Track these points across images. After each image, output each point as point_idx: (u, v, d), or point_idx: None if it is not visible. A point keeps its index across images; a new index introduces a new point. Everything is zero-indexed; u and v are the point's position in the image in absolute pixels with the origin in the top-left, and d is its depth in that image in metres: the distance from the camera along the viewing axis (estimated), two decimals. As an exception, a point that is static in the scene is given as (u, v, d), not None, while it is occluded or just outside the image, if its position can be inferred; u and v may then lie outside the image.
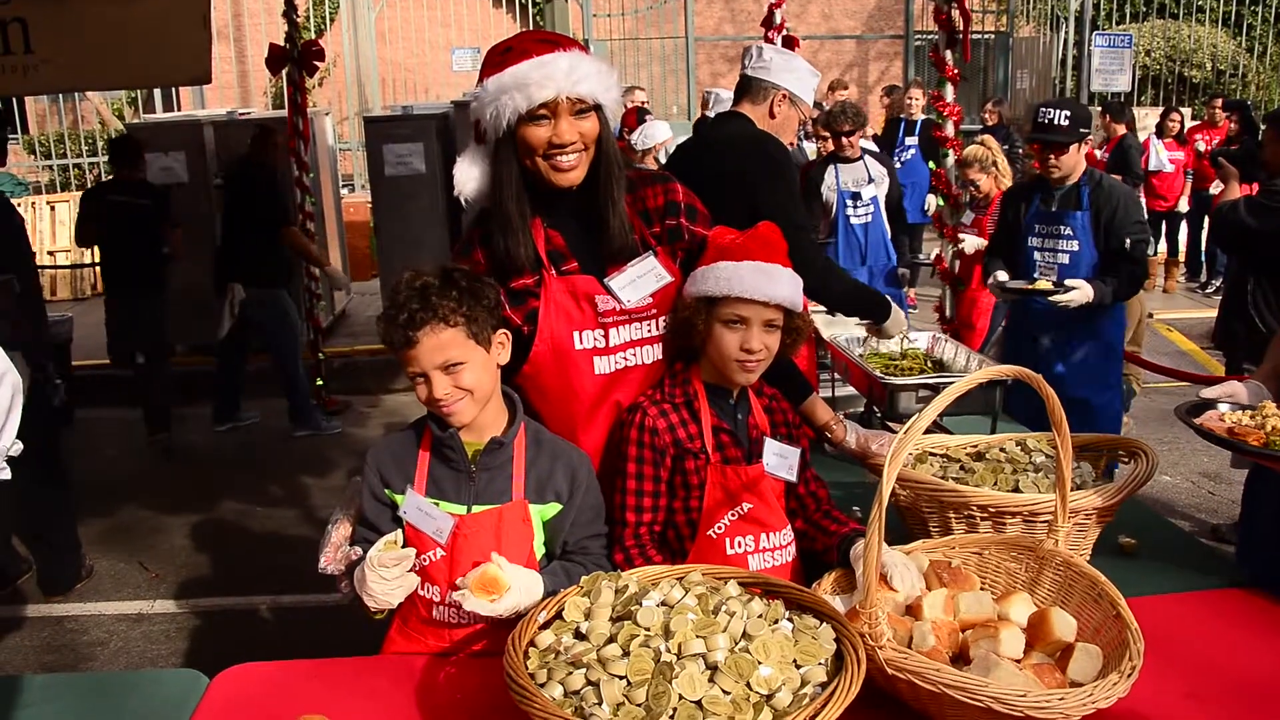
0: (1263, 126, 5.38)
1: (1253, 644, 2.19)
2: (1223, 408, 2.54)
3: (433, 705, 2.05)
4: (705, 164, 3.56)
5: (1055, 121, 4.56)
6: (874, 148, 7.92)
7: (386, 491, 2.27)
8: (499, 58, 2.21)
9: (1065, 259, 4.67)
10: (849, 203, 6.93)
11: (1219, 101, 11.99)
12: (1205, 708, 1.96)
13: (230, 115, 9.67)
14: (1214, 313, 10.07)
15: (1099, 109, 11.40)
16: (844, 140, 6.85)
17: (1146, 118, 12.46)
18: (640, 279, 2.38)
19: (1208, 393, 2.53)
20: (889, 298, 3.52)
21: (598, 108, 2.25)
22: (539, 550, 2.26)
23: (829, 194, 6.97)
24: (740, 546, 2.33)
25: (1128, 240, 4.53)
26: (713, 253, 2.33)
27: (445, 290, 2.14)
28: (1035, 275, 4.74)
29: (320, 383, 8.03)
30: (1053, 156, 4.61)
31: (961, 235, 6.66)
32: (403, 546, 2.19)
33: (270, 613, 4.93)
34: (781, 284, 2.27)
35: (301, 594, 4.96)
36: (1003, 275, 4.80)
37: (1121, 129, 10.71)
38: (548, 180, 2.27)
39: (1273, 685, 2.03)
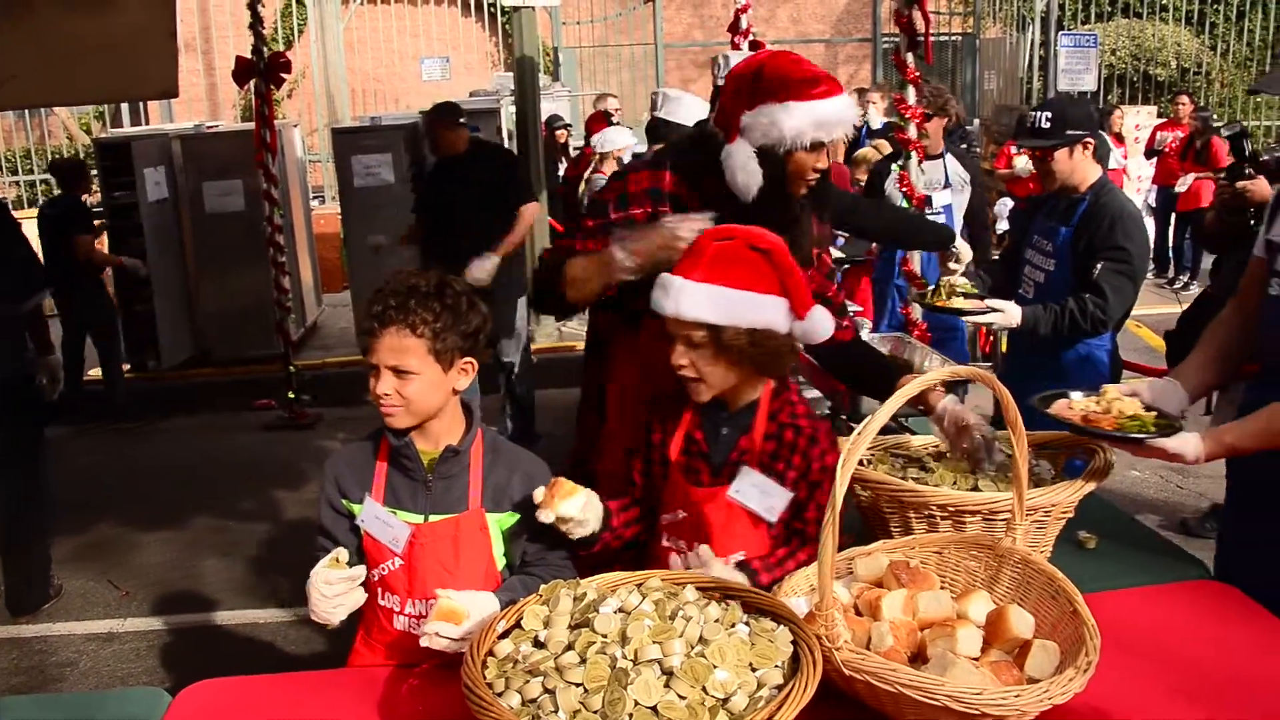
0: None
1: (1212, 636, 2.21)
2: (1073, 396, 2.56)
3: (395, 717, 2.05)
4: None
5: (1036, 124, 3.98)
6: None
7: (344, 502, 2.27)
8: (810, 88, 2.45)
9: (1041, 278, 4.03)
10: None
11: (1183, 98, 12.12)
12: (1164, 701, 1.97)
13: (198, 128, 9.64)
14: (1183, 309, 10.21)
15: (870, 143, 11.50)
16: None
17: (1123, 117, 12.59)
18: None
19: (1111, 389, 2.54)
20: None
21: None
22: (500, 560, 2.26)
23: (893, 194, 5.68)
24: (672, 547, 2.37)
25: (1098, 265, 3.75)
26: None
27: (429, 300, 2.15)
28: (1020, 291, 4.12)
29: (292, 396, 7.99)
30: (1039, 161, 4.02)
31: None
32: (355, 560, 2.20)
33: (243, 628, 4.90)
34: (673, 298, 2.20)
35: (276, 608, 4.94)
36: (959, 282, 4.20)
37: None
38: (787, 189, 2.56)
39: (1232, 677, 2.05)
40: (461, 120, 6.48)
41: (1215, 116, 13.68)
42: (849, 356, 2.84)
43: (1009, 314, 3.75)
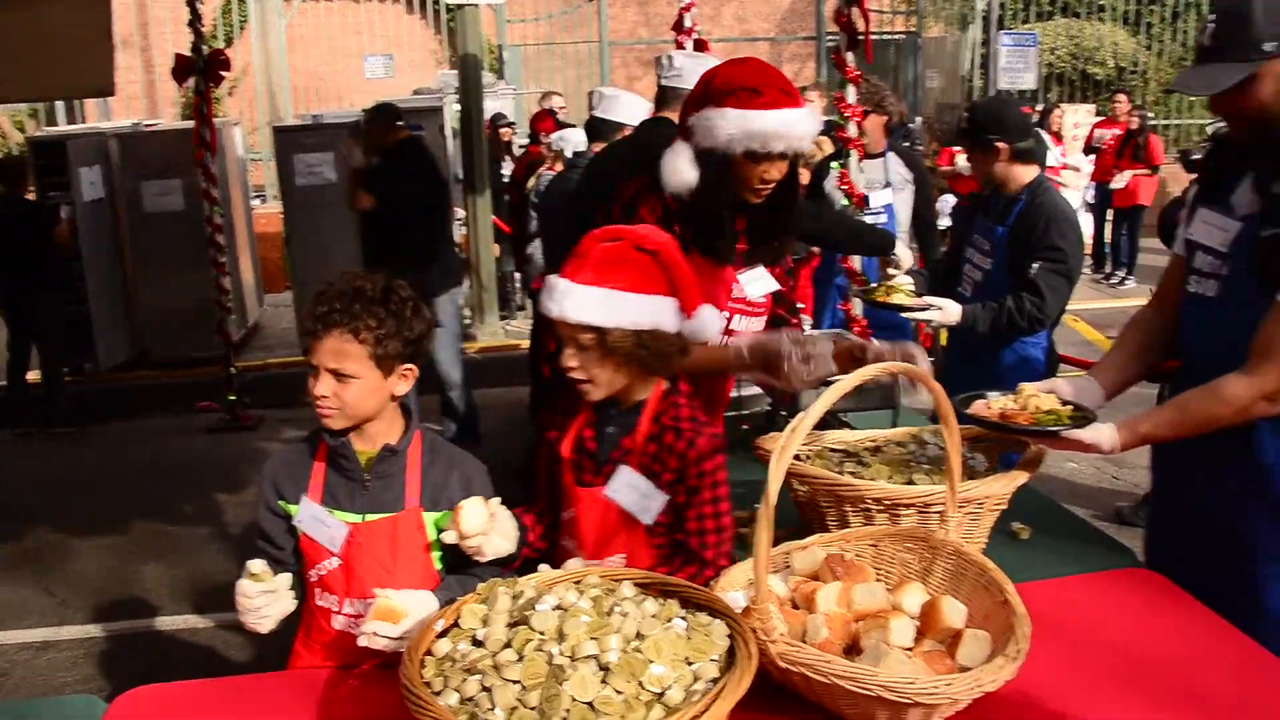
0: None
1: (1140, 623, 2.26)
2: (991, 395, 2.60)
3: (335, 719, 2.04)
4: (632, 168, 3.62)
5: (960, 125, 4.07)
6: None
7: (281, 503, 2.26)
8: (749, 97, 2.46)
9: (979, 277, 4.06)
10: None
11: (1121, 96, 12.34)
12: (1093, 686, 2.01)
13: (136, 127, 9.51)
14: (1120, 303, 10.40)
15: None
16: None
17: (1062, 115, 12.78)
18: (758, 280, 2.77)
19: (1027, 386, 2.58)
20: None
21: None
22: (438, 560, 2.26)
23: (833, 194, 5.51)
24: (569, 547, 2.40)
25: (1034, 265, 3.77)
26: None
27: (374, 305, 2.14)
28: (959, 289, 4.14)
29: (233, 398, 7.91)
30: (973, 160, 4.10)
31: None
32: (292, 563, 2.20)
33: (183, 633, 4.84)
34: (560, 301, 2.19)
35: (216, 612, 4.89)
36: (904, 280, 4.20)
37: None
38: (739, 196, 2.60)
39: (1158, 662, 2.09)
40: (400, 123, 6.55)
41: (1152, 114, 13.92)
42: None
43: (948, 311, 3.79)
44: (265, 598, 2.13)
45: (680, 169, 2.53)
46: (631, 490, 2.29)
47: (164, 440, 7.71)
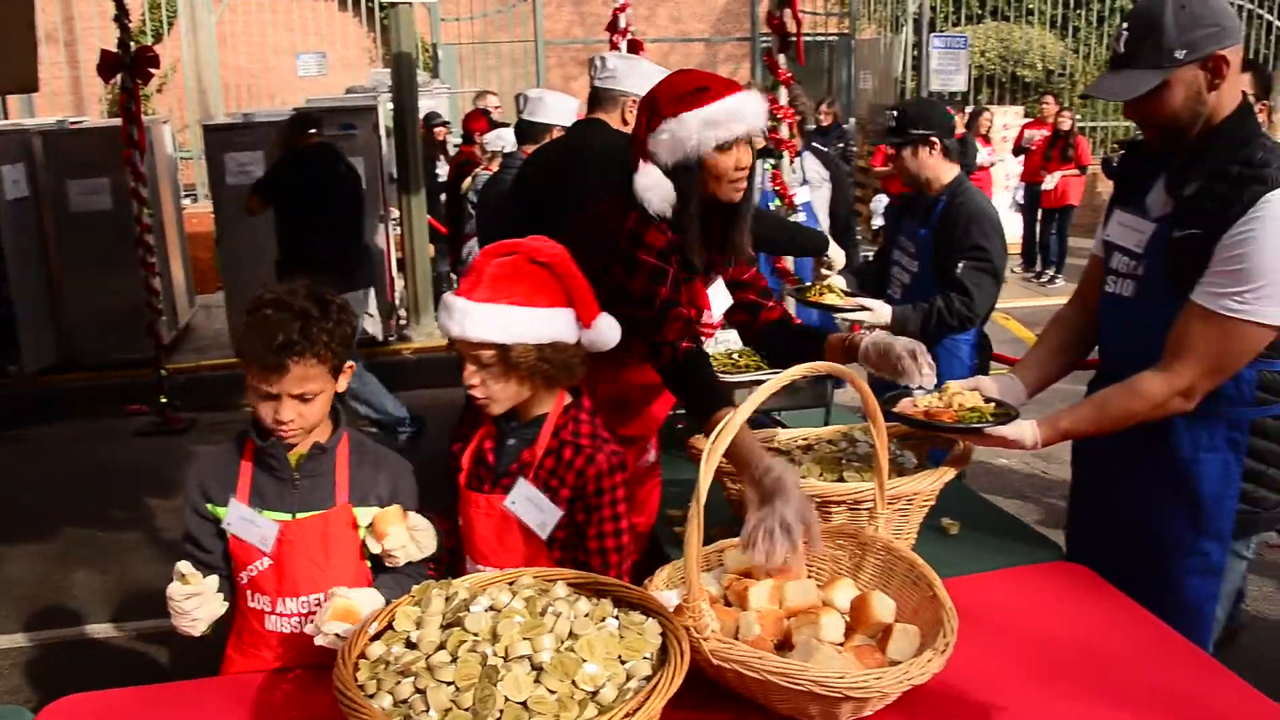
0: None
1: (1064, 615, 2.32)
2: (917, 393, 2.63)
3: (269, 724, 2.04)
4: (582, 172, 3.61)
5: (888, 122, 4.05)
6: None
7: (209, 506, 2.25)
8: (699, 96, 2.47)
9: (907, 279, 4.10)
10: (769, 208, 5.68)
11: (1049, 98, 12.57)
12: (1020, 677, 2.06)
13: (61, 124, 9.31)
14: (1050, 301, 10.59)
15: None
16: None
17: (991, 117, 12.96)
18: (719, 295, 2.80)
19: (951, 384, 2.62)
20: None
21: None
22: (369, 557, 2.27)
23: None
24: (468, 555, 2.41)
25: (960, 264, 3.81)
26: None
27: (323, 321, 2.14)
28: (889, 292, 4.19)
29: (164, 400, 7.79)
30: (893, 159, 4.09)
31: None
32: (222, 567, 2.20)
33: (114, 641, 4.76)
34: (457, 320, 2.19)
35: (149, 619, 4.81)
36: (839, 281, 4.19)
37: (960, 128, 11.15)
38: (720, 198, 2.58)
39: (1084, 652, 2.15)
40: (313, 130, 6.70)
41: (1080, 116, 14.19)
42: (783, 333, 2.87)
43: (879, 312, 3.78)
44: (194, 600, 2.11)
45: (655, 187, 2.52)
46: (528, 503, 2.28)
47: (93, 444, 7.56)
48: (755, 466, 2.20)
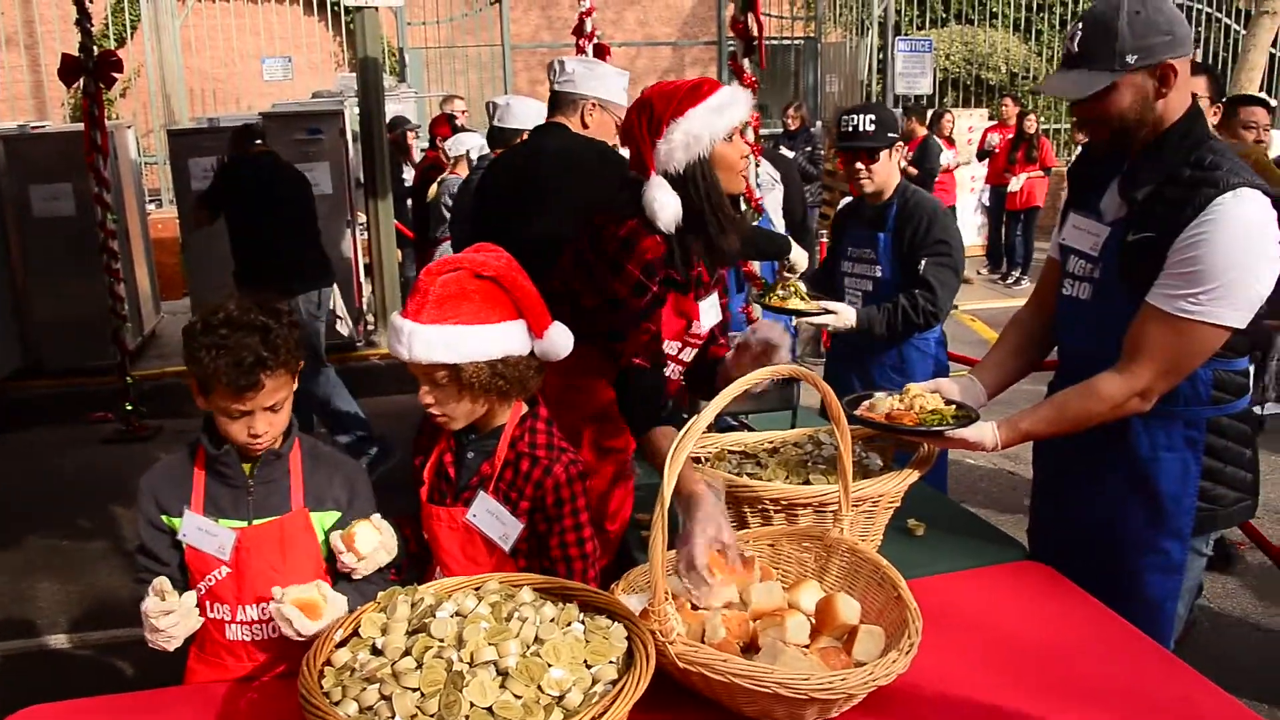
0: None
1: (1028, 613, 2.34)
2: (877, 395, 2.66)
3: (234, 733, 2.03)
4: (538, 175, 3.63)
5: (860, 127, 3.94)
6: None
7: (164, 518, 2.24)
8: (695, 95, 2.52)
9: (870, 285, 4.05)
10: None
11: (1008, 100, 12.68)
12: (985, 676, 2.08)
13: (23, 129, 9.20)
14: (1016, 302, 10.67)
15: (901, 111, 11.90)
16: None
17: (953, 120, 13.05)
18: (710, 310, 2.80)
19: (912, 387, 2.65)
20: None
21: None
22: (326, 560, 2.27)
23: None
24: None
25: (923, 262, 3.85)
26: None
27: (280, 330, 2.14)
28: (848, 302, 4.06)
29: (129, 407, 7.72)
30: (862, 167, 3.96)
31: None
32: (179, 580, 2.20)
33: (79, 651, 4.71)
34: (406, 342, 2.18)
35: (114, 629, 4.77)
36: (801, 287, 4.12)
37: (923, 130, 11.22)
38: (730, 189, 2.64)
39: (1048, 651, 2.17)
40: (258, 142, 6.75)
41: (1044, 119, 14.32)
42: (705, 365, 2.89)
43: (843, 315, 3.81)
44: (172, 618, 2.09)
45: (667, 203, 2.51)
46: (489, 516, 2.28)
47: (58, 452, 7.48)
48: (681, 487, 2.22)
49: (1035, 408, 2.52)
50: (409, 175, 9.91)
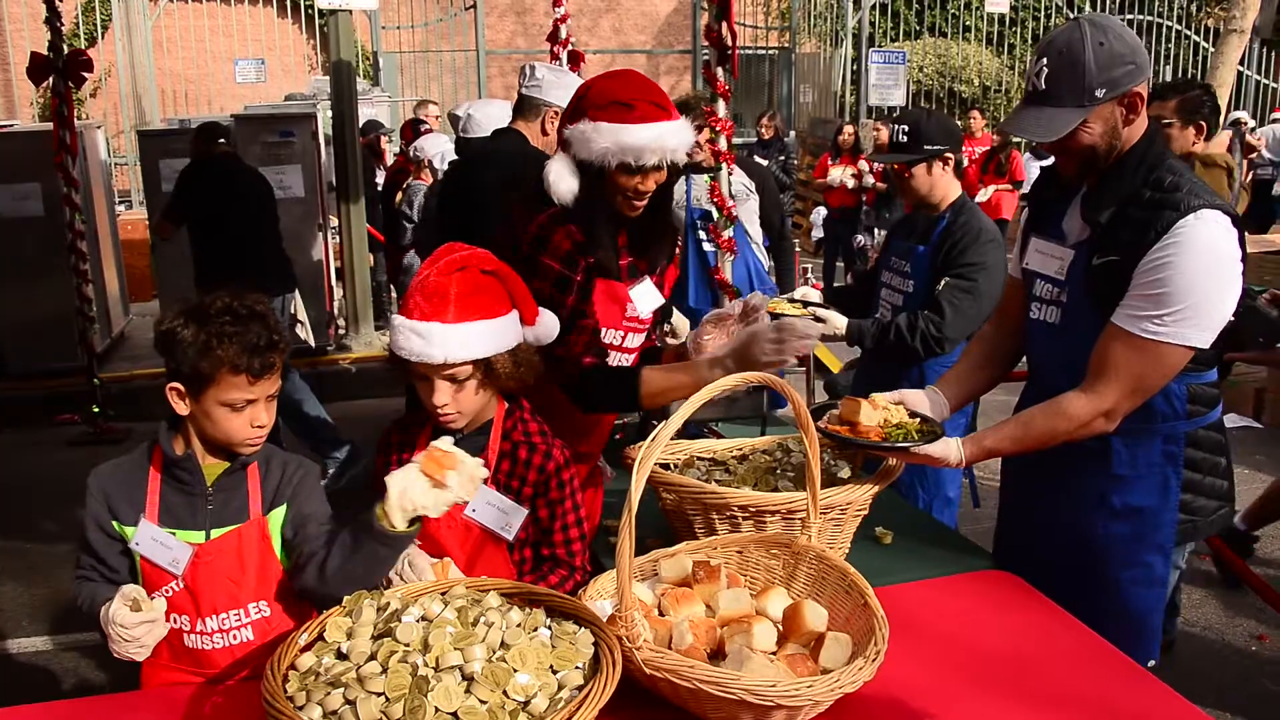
0: None
1: (998, 622, 2.35)
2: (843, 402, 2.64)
3: (197, 736, 2.01)
4: (487, 182, 3.65)
5: (895, 138, 3.73)
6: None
7: (115, 524, 2.19)
8: (622, 111, 2.47)
9: (900, 300, 3.79)
10: (699, 223, 5.43)
11: (975, 113, 12.79)
12: (951, 684, 2.09)
13: (-11, 128, 9.13)
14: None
15: (872, 121, 11.98)
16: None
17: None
18: (647, 294, 2.76)
19: (877, 397, 2.64)
20: None
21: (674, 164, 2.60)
22: (281, 558, 2.23)
23: (678, 211, 5.38)
24: None
25: (944, 281, 3.56)
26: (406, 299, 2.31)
27: (269, 319, 2.13)
28: (878, 315, 3.88)
29: (96, 410, 7.65)
30: (898, 177, 3.78)
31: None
32: (129, 579, 2.18)
33: (41, 655, 4.66)
34: (438, 344, 2.19)
35: (78, 632, 4.72)
36: (804, 290, 3.98)
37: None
38: (617, 209, 2.61)
39: (1015, 659, 2.18)
40: (222, 140, 6.76)
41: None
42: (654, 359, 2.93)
43: (833, 322, 3.63)
44: (145, 628, 2.05)
45: (563, 177, 2.54)
46: (490, 508, 2.30)
47: (22, 455, 7.39)
48: (708, 370, 2.46)
49: (1000, 425, 2.53)
50: (382, 179, 9.89)
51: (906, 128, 3.69)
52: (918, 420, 2.58)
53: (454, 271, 2.23)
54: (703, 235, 5.44)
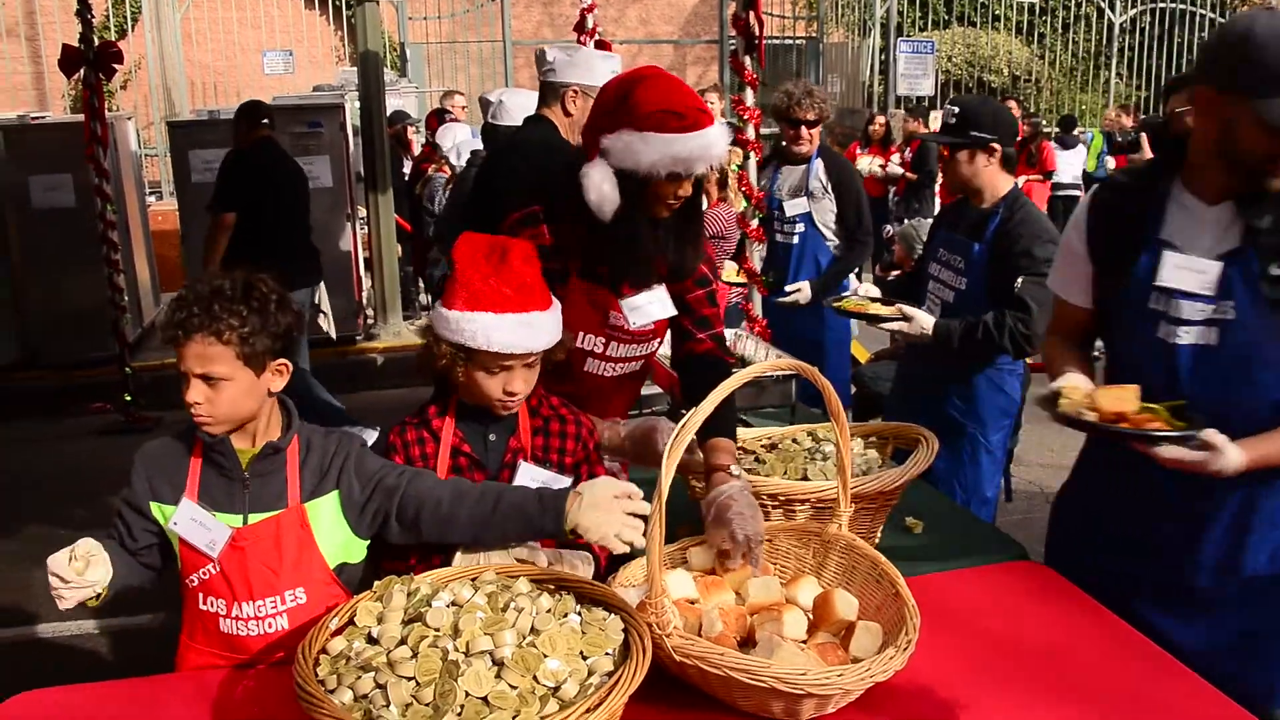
0: None
1: (1030, 612, 2.33)
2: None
3: (230, 720, 2.02)
4: (500, 168, 3.66)
5: (946, 119, 3.60)
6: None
7: (154, 504, 2.21)
8: (672, 121, 2.37)
9: (951, 297, 3.62)
10: (776, 214, 5.38)
11: (1010, 103, 12.67)
12: (982, 675, 2.08)
13: (23, 119, 9.19)
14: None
15: (903, 112, 11.91)
16: (796, 132, 5.27)
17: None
18: (648, 305, 2.65)
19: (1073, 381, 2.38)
20: None
21: None
22: (326, 549, 2.22)
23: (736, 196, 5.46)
24: None
25: (1020, 280, 3.39)
26: (463, 291, 2.24)
27: (235, 303, 2.09)
28: (924, 310, 3.66)
29: (129, 398, 7.71)
30: (946, 161, 3.67)
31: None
32: (147, 559, 2.25)
33: (75, 639, 4.70)
34: (542, 333, 2.25)
35: (110, 617, 4.76)
36: (866, 288, 3.86)
37: (925, 130, 11.24)
38: (649, 213, 2.51)
39: (1046, 651, 2.16)
40: (265, 121, 6.70)
41: (1045, 122, 14.32)
42: (694, 367, 2.78)
43: (919, 321, 3.49)
44: (73, 587, 2.11)
45: (602, 188, 2.44)
46: (534, 483, 2.31)
47: (56, 443, 7.47)
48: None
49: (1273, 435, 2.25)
50: (409, 170, 9.91)
51: (957, 110, 3.60)
52: (1167, 412, 2.26)
53: (526, 261, 2.26)
54: (776, 226, 5.38)
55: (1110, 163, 11.68)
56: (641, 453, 2.55)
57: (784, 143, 5.43)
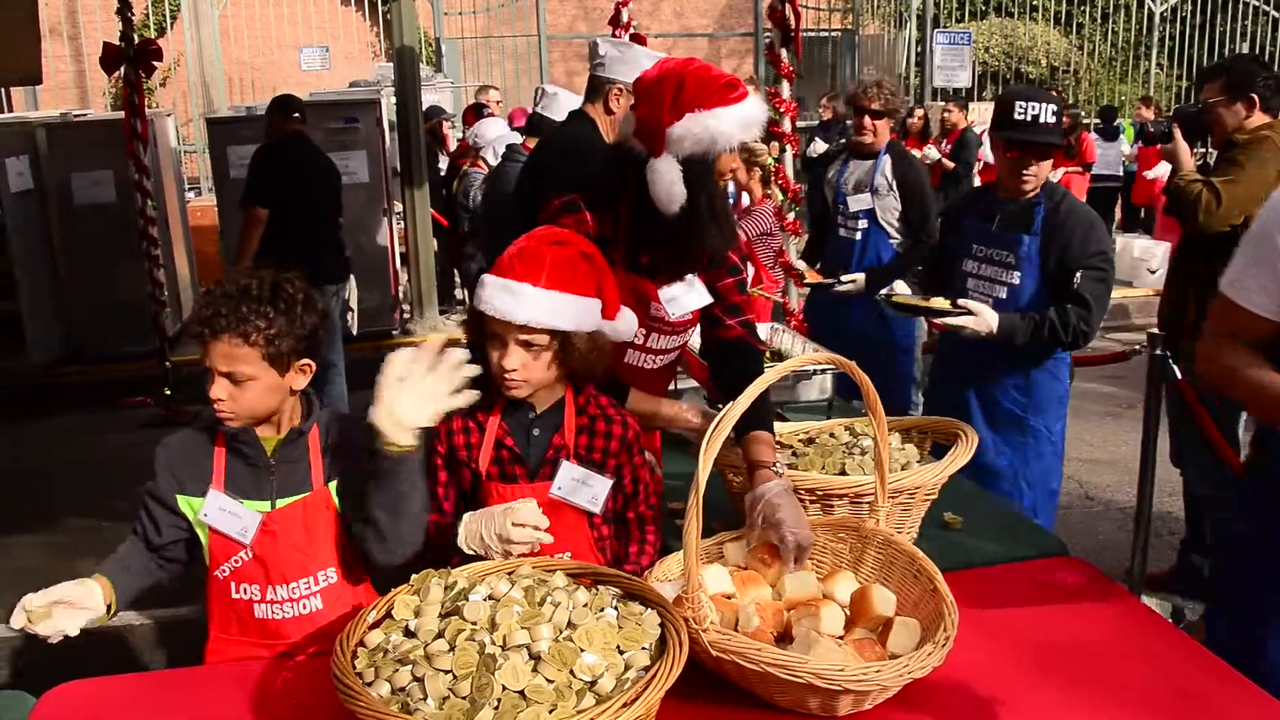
0: None
1: (1071, 609, 2.32)
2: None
3: (269, 711, 2.03)
4: (550, 167, 3.65)
5: (1041, 118, 3.41)
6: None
7: (180, 497, 2.24)
8: (731, 92, 2.42)
9: (1003, 293, 3.55)
10: (840, 208, 5.30)
11: (1052, 94, 12.55)
12: (1022, 673, 2.06)
13: (65, 116, 9.31)
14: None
15: (942, 104, 11.82)
16: (861, 121, 5.14)
17: (986, 112, 12.93)
18: (684, 295, 2.65)
19: None
20: None
21: None
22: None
23: (829, 192, 5.39)
24: None
25: (1079, 275, 3.38)
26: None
27: (262, 304, 2.12)
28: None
29: (168, 392, 7.79)
30: (1033, 163, 3.47)
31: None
32: (173, 555, 2.30)
33: (117, 630, 4.76)
34: (528, 305, 2.18)
35: (153, 608, 4.80)
36: (901, 287, 3.74)
37: (965, 121, 11.15)
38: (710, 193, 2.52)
39: (1086, 648, 2.14)
40: (296, 115, 6.67)
41: (1084, 114, 14.18)
42: (725, 353, 2.77)
43: (984, 318, 3.41)
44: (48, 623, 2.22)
45: (674, 183, 2.43)
46: (575, 484, 2.31)
47: (98, 436, 7.55)
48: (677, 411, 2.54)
49: None
50: (445, 165, 9.95)
51: (1055, 108, 3.47)
52: None
53: (553, 243, 2.25)
54: (840, 220, 5.29)
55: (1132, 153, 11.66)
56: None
57: (853, 134, 5.34)
